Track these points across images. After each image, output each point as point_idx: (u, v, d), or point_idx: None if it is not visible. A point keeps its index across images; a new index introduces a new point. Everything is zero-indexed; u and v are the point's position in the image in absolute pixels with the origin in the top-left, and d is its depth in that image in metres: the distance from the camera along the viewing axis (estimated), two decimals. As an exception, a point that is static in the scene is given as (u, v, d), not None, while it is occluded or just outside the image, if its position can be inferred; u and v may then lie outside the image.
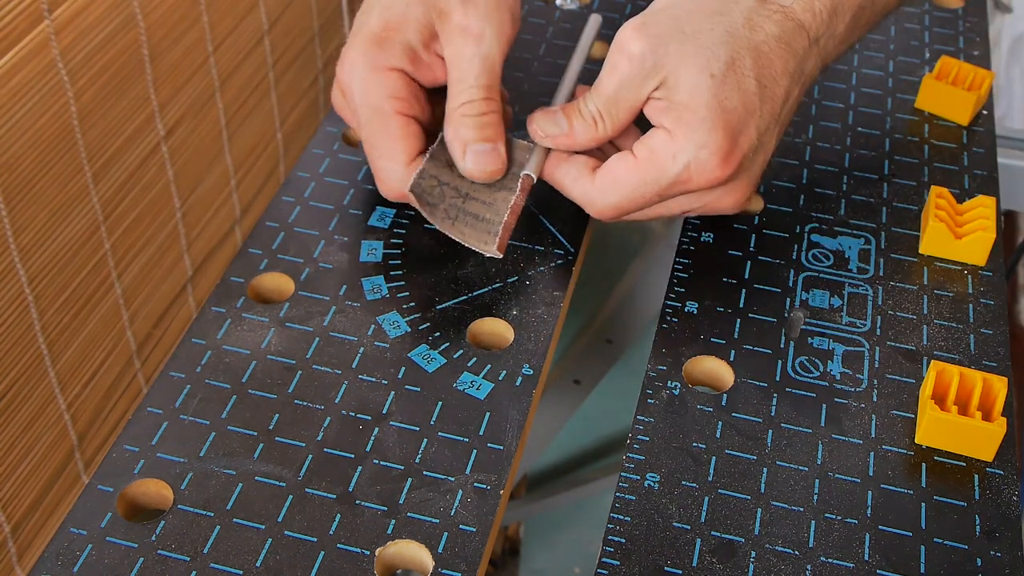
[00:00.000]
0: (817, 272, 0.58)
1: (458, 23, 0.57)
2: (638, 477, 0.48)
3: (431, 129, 0.60)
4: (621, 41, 0.53)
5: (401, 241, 0.59)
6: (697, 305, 0.56)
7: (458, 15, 0.57)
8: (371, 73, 0.57)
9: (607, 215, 0.56)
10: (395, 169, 0.57)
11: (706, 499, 0.48)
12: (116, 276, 0.78)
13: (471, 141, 0.56)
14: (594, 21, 0.65)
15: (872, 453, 0.50)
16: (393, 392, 0.51)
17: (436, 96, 0.60)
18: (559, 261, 0.59)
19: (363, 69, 0.57)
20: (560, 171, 0.57)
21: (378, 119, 0.57)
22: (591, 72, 0.60)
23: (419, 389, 0.52)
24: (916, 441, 0.50)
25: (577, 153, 0.57)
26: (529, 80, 0.71)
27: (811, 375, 0.53)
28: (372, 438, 0.49)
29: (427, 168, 0.57)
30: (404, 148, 0.57)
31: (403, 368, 0.53)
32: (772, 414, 0.51)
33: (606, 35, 0.75)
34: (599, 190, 0.55)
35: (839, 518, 0.47)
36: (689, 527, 0.46)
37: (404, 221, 0.61)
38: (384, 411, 0.51)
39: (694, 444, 0.50)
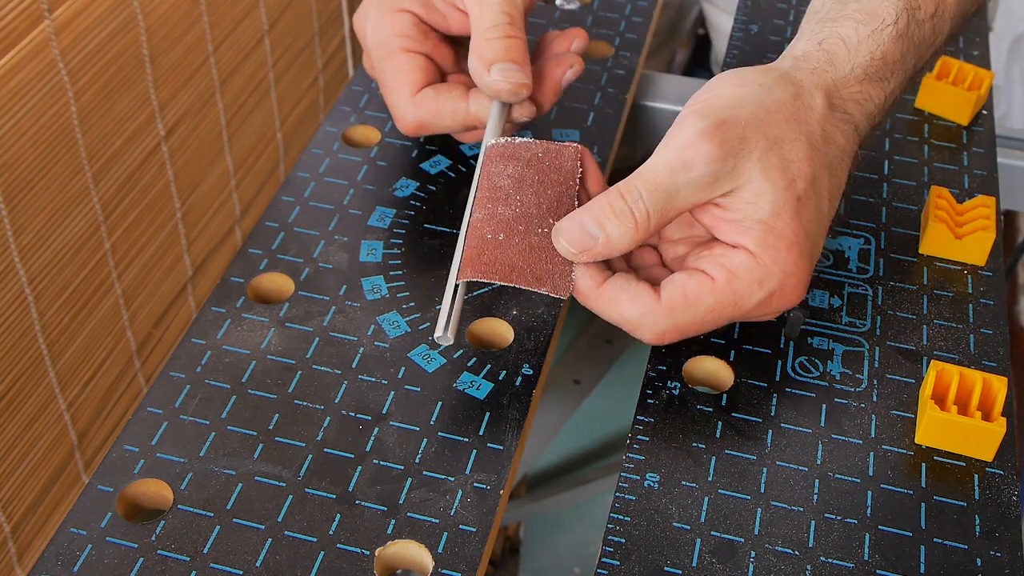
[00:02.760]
0: (817, 272, 0.58)
1: None
2: (638, 477, 0.48)
3: (448, 69, 0.61)
4: (693, 139, 0.47)
5: (401, 241, 0.59)
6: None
7: None
8: (381, 15, 0.59)
9: (667, 338, 0.49)
10: (402, 103, 0.59)
11: (706, 499, 0.48)
12: (116, 276, 0.78)
13: (497, 60, 0.56)
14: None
15: (872, 453, 0.50)
16: (393, 392, 0.51)
17: (458, 42, 0.62)
18: (559, 261, 0.58)
19: (375, 11, 0.60)
20: (609, 291, 0.48)
21: (386, 57, 0.59)
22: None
23: (419, 389, 0.52)
24: (916, 441, 0.50)
25: (601, 264, 0.50)
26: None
27: (811, 375, 0.53)
28: (372, 438, 0.49)
29: None
30: (408, 81, 0.59)
31: (403, 368, 0.53)
32: (772, 414, 0.51)
33: (605, 35, 0.75)
34: (667, 312, 0.48)
35: (839, 518, 0.47)
36: (689, 527, 0.46)
37: (404, 221, 0.61)
38: (384, 411, 0.51)
39: (694, 444, 0.50)
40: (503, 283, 0.48)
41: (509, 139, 0.55)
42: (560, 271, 0.49)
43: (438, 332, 0.48)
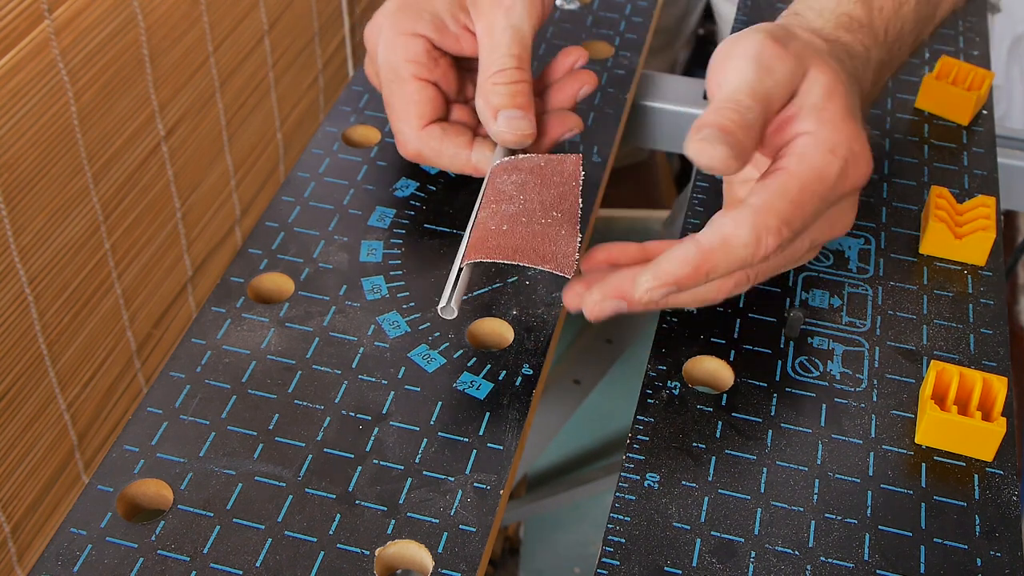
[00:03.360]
0: (817, 272, 0.58)
1: None
2: (638, 477, 0.48)
3: (455, 98, 0.62)
4: (759, 44, 0.49)
5: (401, 241, 0.59)
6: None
7: None
8: (395, 36, 0.59)
9: (783, 235, 0.46)
10: (408, 132, 0.59)
11: (706, 499, 0.48)
12: (116, 276, 0.78)
13: (503, 107, 0.57)
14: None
15: (872, 453, 0.50)
16: (393, 392, 0.51)
17: (466, 67, 0.62)
18: (559, 261, 0.59)
19: (388, 31, 0.59)
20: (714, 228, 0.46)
21: (396, 82, 0.59)
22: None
23: (419, 389, 0.52)
24: (916, 441, 0.50)
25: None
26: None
27: (811, 375, 0.53)
28: (372, 438, 0.49)
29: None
30: (417, 112, 0.59)
31: (403, 368, 0.53)
32: (772, 414, 0.51)
33: (606, 35, 0.75)
34: (754, 211, 0.45)
35: (839, 518, 0.47)
36: (689, 527, 0.46)
37: (404, 221, 0.61)
38: (384, 411, 0.51)
39: (694, 444, 0.50)
40: (508, 262, 0.49)
41: (511, 157, 0.56)
42: (564, 252, 0.50)
43: (442, 303, 0.50)
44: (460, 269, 0.51)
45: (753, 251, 0.45)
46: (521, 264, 0.49)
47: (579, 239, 0.51)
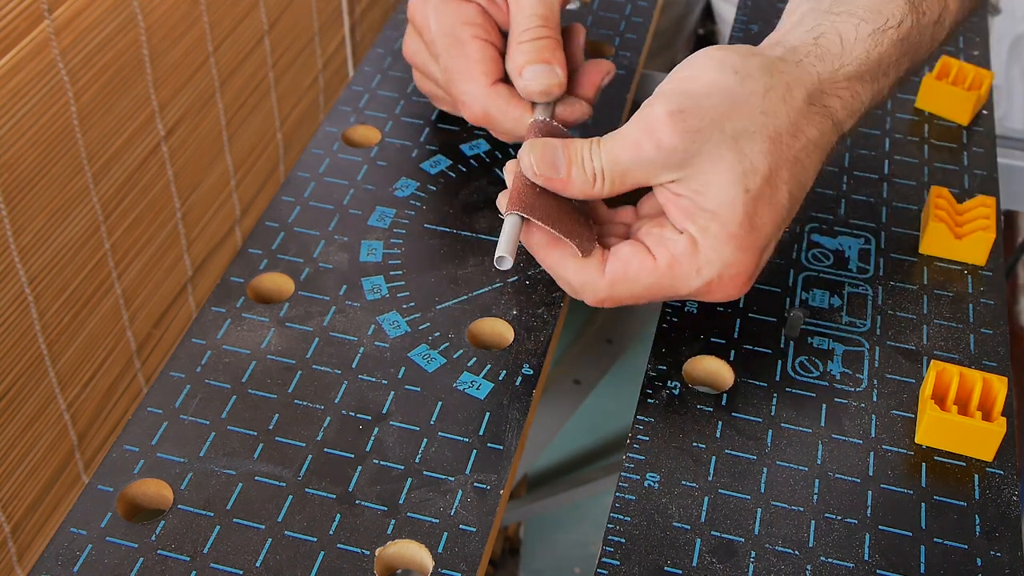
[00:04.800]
0: (817, 272, 0.58)
1: None
2: (638, 477, 0.48)
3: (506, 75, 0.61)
4: (652, 122, 0.48)
5: (401, 241, 0.59)
6: (697, 305, 0.56)
7: None
8: (446, 3, 0.59)
9: (605, 305, 0.51)
10: (476, 91, 0.58)
11: (706, 499, 0.48)
12: (116, 276, 0.78)
13: (529, 63, 0.57)
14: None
15: (872, 453, 0.50)
16: (393, 392, 0.51)
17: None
18: (559, 261, 0.58)
19: (437, 1, 0.59)
20: (557, 254, 0.51)
21: (455, 45, 0.58)
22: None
23: (419, 389, 0.52)
24: (916, 441, 0.50)
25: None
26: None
27: (811, 375, 0.53)
28: (372, 438, 0.49)
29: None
30: (482, 70, 0.58)
31: (403, 368, 0.53)
32: (772, 414, 0.51)
33: (606, 35, 0.75)
34: (608, 284, 0.50)
35: (839, 518, 0.47)
36: (689, 527, 0.46)
37: (404, 221, 0.61)
38: (384, 411, 0.51)
39: (694, 444, 0.50)
40: (541, 224, 0.49)
41: (548, 119, 0.56)
42: (587, 235, 0.51)
43: (498, 253, 0.49)
44: (512, 221, 0.50)
45: (592, 303, 0.51)
46: (540, 252, 0.50)
47: (592, 226, 0.52)
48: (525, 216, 0.49)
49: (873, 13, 0.53)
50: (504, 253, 0.49)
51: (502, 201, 0.51)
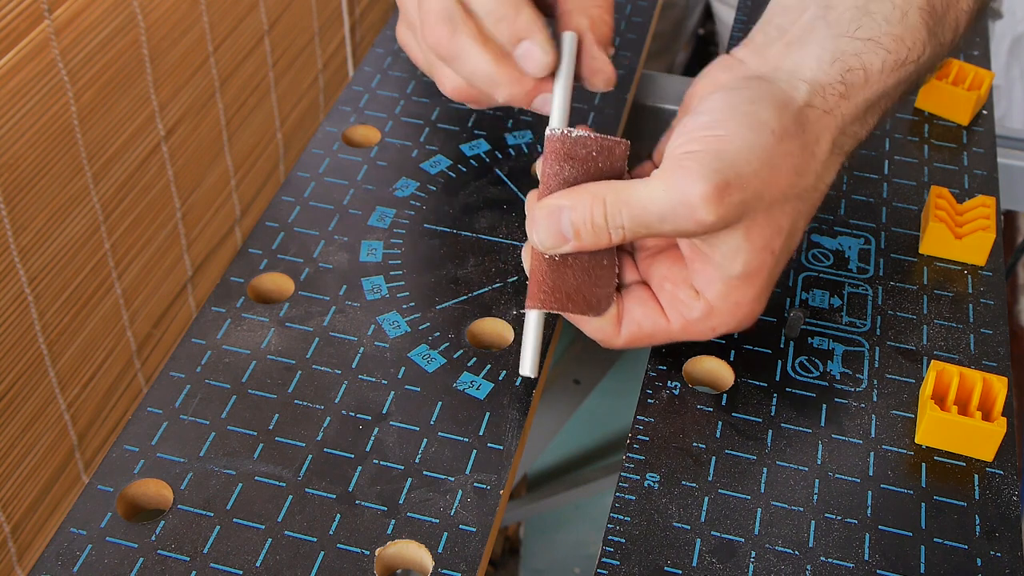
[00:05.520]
0: (817, 272, 0.58)
1: None
2: (638, 477, 0.48)
3: None
4: (691, 197, 0.45)
5: (401, 241, 0.59)
6: (697, 305, 0.56)
7: None
8: None
9: (618, 349, 0.52)
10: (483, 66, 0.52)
11: (706, 499, 0.48)
12: (116, 276, 0.78)
13: (513, 43, 0.52)
14: (570, 39, 0.55)
15: (872, 453, 0.50)
16: (393, 392, 0.51)
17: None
18: (559, 261, 0.58)
19: None
20: (574, 316, 0.51)
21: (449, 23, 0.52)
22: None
23: (419, 389, 0.52)
24: (916, 441, 0.50)
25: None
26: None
27: (811, 375, 0.53)
28: (372, 438, 0.49)
29: None
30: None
31: (403, 368, 0.53)
32: (772, 414, 0.51)
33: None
34: (624, 342, 0.51)
35: (839, 518, 0.47)
36: (689, 527, 0.46)
37: (404, 221, 0.61)
38: (384, 411, 0.51)
39: (694, 444, 0.50)
40: (560, 311, 0.49)
41: (566, 131, 0.51)
42: (606, 293, 0.50)
43: (523, 372, 0.50)
44: (534, 318, 0.51)
45: (598, 340, 0.52)
46: (565, 312, 0.50)
47: (616, 268, 0.51)
48: (544, 310, 0.49)
49: (896, 42, 0.49)
50: (528, 373, 0.50)
51: (526, 258, 0.50)
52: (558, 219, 0.48)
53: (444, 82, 0.55)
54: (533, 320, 0.50)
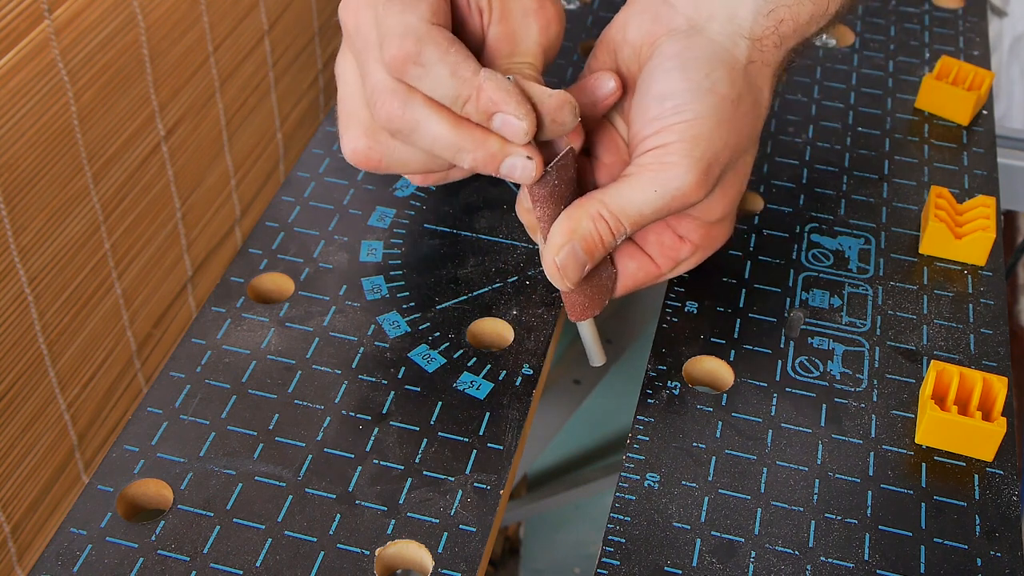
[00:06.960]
0: (817, 272, 0.58)
1: None
2: (638, 477, 0.48)
3: None
4: (683, 189, 0.48)
5: (401, 241, 0.59)
6: (697, 305, 0.56)
7: None
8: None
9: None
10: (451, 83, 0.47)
11: (706, 499, 0.48)
12: (116, 276, 0.78)
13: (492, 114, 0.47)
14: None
15: (872, 453, 0.50)
16: (393, 392, 0.51)
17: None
18: (559, 261, 0.58)
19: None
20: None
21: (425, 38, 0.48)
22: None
23: (419, 389, 0.52)
24: (916, 441, 0.50)
25: None
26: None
27: (811, 375, 0.53)
28: (372, 438, 0.49)
29: None
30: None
31: (403, 368, 0.53)
32: (772, 414, 0.51)
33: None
34: (621, 291, 0.53)
35: (839, 518, 0.47)
36: (689, 527, 0.46)
37: (404, 221, 0.61)
38: (384, 411, 0.51)
39: (694, 444, 0.50)
40: (596, 312, 0.53)
41: (547, 169, 0.49)
42: (611, 273, 0.53)
43: (595, 363, 0.55)
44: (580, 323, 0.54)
45: None
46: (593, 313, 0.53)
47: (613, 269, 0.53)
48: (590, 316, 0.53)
49: None
50: (600, 362, 0.55)
51: (553, 274, 0.50)
52: (574, 258, 0.49)
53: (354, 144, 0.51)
54: (586, 326, 0.53)
